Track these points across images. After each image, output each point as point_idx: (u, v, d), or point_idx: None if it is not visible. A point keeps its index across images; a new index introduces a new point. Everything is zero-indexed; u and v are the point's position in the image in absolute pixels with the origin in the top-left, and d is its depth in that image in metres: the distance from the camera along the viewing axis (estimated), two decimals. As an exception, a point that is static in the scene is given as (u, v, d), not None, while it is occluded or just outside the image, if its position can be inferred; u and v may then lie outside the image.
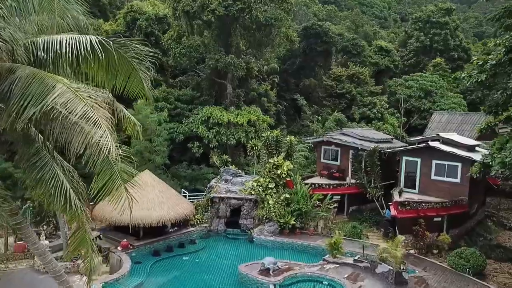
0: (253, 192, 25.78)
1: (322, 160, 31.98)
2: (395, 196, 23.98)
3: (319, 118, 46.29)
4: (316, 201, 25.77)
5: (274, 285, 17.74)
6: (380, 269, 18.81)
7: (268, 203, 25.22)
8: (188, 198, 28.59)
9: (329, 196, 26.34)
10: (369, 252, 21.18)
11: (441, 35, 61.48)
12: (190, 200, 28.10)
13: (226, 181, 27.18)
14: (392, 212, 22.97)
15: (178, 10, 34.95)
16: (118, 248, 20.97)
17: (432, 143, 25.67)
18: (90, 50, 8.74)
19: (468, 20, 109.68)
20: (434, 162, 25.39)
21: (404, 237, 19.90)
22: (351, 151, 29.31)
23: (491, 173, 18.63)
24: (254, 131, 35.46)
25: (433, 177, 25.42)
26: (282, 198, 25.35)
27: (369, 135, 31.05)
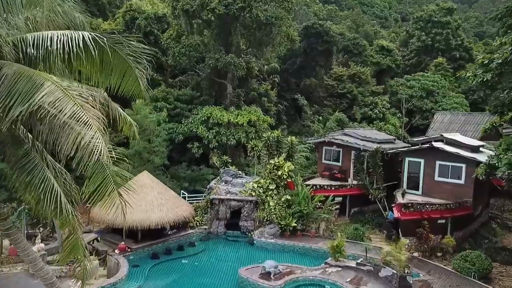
0: (253, 193, 25.35)
1: (324, 160, 31.54)
2: (398, 197, 23.56)
3: (320, 118, 45.84)
4: (317, 202, 25.35)
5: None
6: (383, 272, 18.39)
7: (268, 205, 24.79)
8: (187, 199, 28.16)
9: (331, 197, 25.90)
10: (372, 255, 20.80)
11: (442, 35, 61.03)
12: (190, 201, 27.66)
13: (226, 182, 26.76)
14: (395, 214, 22.52)
15: (177, 9, 34.53)
16: (116, 251, 20.55)
17: (435, 144, 25.23)
18: (83, 47, 8.34)
19: (468, 20, 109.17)
20: (438, 163, 24.96)
21: (408, 240, 19.51)
22: (353, 152, 28.86)
23: (498, 174, 18.26)
24: (254, 132, 35.03)
25: (436, 178, 25.01)
26: (283, 199, 24.91)
27: (371, 136, 30.60)
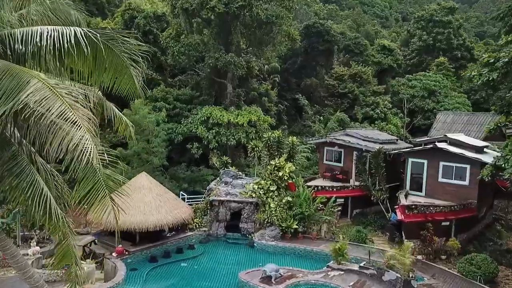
0: (254, 195, 24.89)
1: (325, 161, 31.11)
2: (402, 199, 23.08)
3: (321, 118, 45.39)
4: (319, 204, 24.91)
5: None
6: (387, 276, 17.93)
7: (269, 207, 24.32)
8: (186, 200, 27.71)
9: (333, 199, 25.44)
10: (375, 258, 20.35)
11: (444, 34, 60.52)
12: (189, 203, 27.22)
13: (226, 183, 26.30)
14: (398, 216, 22.05)
15: (176, 7, 34.09)
16: (113, 254, 20.09)
17: (439, 144, 24.78)
18: (75, 43, 7.91)
19: (469, 19, 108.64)
20: (442, 163, 24.51)
21: (412, 243, 19.04)
22: (355, 152, 28.42)
23: (504, 176, 17.85)
24: (254, 132, 34.59)
25: (440, 179, 24.56)
26: (284, 201, 24.45)
27: (373, 136, 30.13)
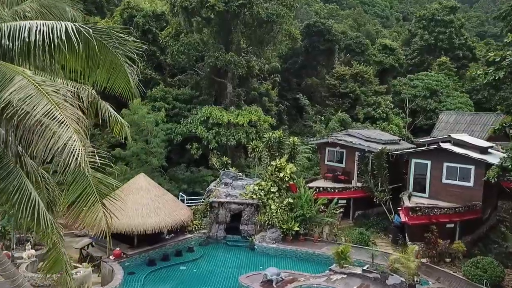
0: (254, 196, 24.43)
1: (326, 162, 30.66)
2: (405, 201, 22.62)
3: (322, 118, 44.88)
4: (320, 206, 24.46)
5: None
6: (391, 280, 17.47)
7: (270, 208, 23.87)
8: (186, 202, 27.26)
9: (335, 200, 24.99)
10: (378, 261, 19.90)
11: (445, 34, 60.01)
12: (188, 204, 26.78)
13: (226, 184, 25.83)
14: (402, 218, 21.57)
15: (176, 6, 33.56)
16: (111, 257, 19.64)
17: (443, 145, 24.34)
18: (66, 39, 7.47)
19: (470, 19, 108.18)
20: (446, 164, 24.08)
21: (417, 246, 18.61)
22: (357, 153, 27.96)
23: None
24: (255, 132, 34.10)
25: (444, 180, 24.14)
26: (285, 202, 24.01)
27: (376, 136, 29.68)
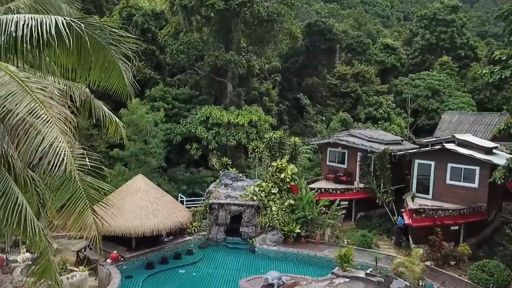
0: (255, 197, 24.00)
1: (328, 162, 30.21)
2: (409, 202, 22.17)
3: (323, 118, 44.45)
4: (322, 207, 24.02)
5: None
6: (395, 284, 16.95)
7: (271, 210, 23.43)
8: (185, 203, 26.81)
9: (337, 201, 24.55)
10: (382, 264, 19.45)
11: (447, 33, 59.52)
12: (188, 206, 26.34)
13: (226, 185, 25.39)
14: (406, 220, 21.13)
15: (175, 4, 33.14)
16: (108, 260, 19.20)
17: (447, 145, 23.89)
18: (55, 34, 7.02)
19: (470, 19, 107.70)
20: (450, 165, 23.65)
21: (421, 249, 18.17)
22: (359, 153, 27.51)
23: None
24: (255, 132, 33.68)
25: (448, 181, 23.71)
26: (286, 204, 23.56)
27: (378, 137, 29.23)
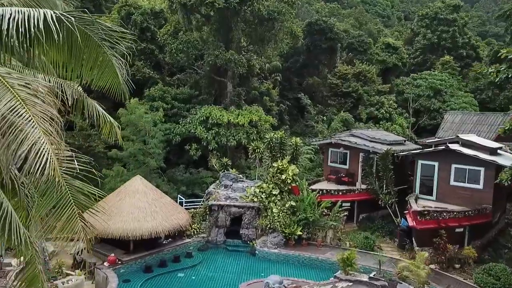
0: (255, 199, 23.58)
1: (330, 163, 29.74)
2: (412, 204, 21.72)
3: (324, 118, 43.98)
4: (324, 209, 23.59)
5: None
6: (400, 289, 16.60)
7: (271, 212, 23.01)
8: (184, 205, 26.36)
9: (339, 203, 24.10)
10: (385, 267, 19.01)
11: (449, 33, 59.01)
12: (187, 207, 25.90)
13: (226, 186, 24.97)
14: (410, 222, 20.68)
15: (175, 3, 32.70)
16: (105, 263, 18.78)
17: (452, 146, 23.45)
18: (44, 28, 6.59)
19: (471, 19, 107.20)
20: (454, 166, 23.19)
21: (426, 252, 17.73)
22: (361, 154, 27.08)
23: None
24: (255, 132, 33.25)
25: (452, 182, 23.25)
26: (287, 206, 23.12)
27: (380, 137, 28.78)
